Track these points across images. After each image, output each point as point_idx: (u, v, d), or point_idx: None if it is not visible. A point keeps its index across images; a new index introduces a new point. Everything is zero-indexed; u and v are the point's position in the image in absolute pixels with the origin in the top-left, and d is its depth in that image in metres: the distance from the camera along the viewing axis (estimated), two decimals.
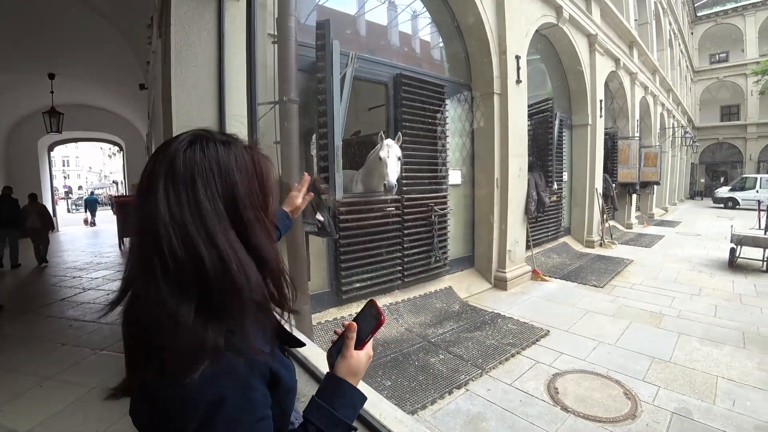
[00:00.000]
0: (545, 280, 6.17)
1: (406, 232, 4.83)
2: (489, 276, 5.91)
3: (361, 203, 4.43)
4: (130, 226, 0.66)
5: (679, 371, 3.35)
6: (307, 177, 1.54)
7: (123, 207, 10.49)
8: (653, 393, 3.03)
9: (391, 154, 4.11)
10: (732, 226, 7.50)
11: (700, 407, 2.84)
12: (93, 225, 17.29)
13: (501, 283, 5.79)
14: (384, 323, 0.82)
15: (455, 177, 5.69)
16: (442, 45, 5.97)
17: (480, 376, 3.29)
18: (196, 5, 2.60)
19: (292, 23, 2.93)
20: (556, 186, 7.68)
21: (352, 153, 5.56)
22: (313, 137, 4.27)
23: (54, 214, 13.13)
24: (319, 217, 3.23)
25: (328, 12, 4.58)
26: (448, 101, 5.39)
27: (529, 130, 6.71)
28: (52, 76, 8.77)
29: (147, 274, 0.62)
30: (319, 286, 4.18)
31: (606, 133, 10.12)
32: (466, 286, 5.57)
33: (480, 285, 5.79)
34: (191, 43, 2.58)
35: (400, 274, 4.79)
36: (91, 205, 17.98)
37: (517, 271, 6.02)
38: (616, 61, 10.11)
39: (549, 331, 4.19)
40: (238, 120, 2.74)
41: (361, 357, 0.80)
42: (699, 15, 27.30)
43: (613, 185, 10.39)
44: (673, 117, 17.93)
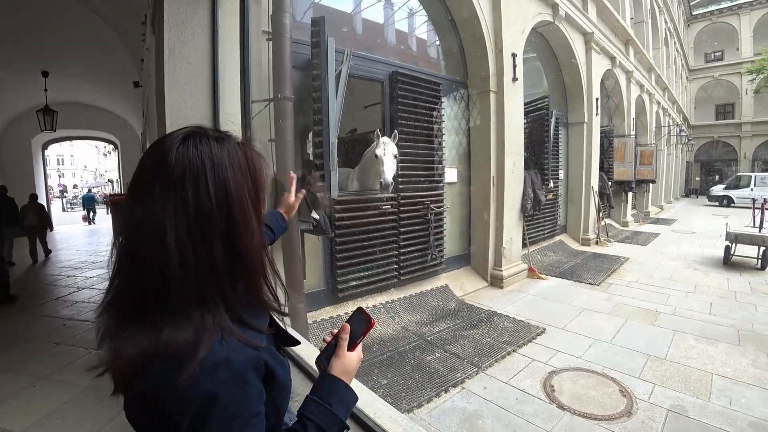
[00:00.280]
0: (541, 278, 6.18)
1: (402, 230, 4.83)
2: (485, 274, 5.91)
3: (357, 201, 4.42)
4: (124, 222, 0.67)
5: (674, 368, 3.37)
6: (292, 175, 1.53)
7: (118, 205, 10.42)
8: (649, 390, 3.04)
9: (387, 151, 4.09)
10: (727, 224, 7.53)
11: (696, 404, 2.85)
12: (92, 222, 17.32)
13: (497, 281, 5.80)
14: (374, 326, 0.86)
15: (451, 175, 5.67)
16: (439, 43, 5.96)
17: (476, 374, 3.29)
18: (190, 2, 2.57)
19: (287, 20, 2.92)
20: (552, 184, 7.70)
21: (347, 151, 5.55)
22: (309, 135, 4.25)
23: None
24: (315, 215, 3.21)
25: (324, 9, 4.56)
26: (444, 99, 5.38)
27: (525, 128, 6.72)
28: (45, 74, 8.65)
29: (137, 268, 0.63)
30: (314, 285, 4.16)
31: (602, 131, 10.17)
32: (462, 284, 5.57)
33: (476, 283, 5.79)
34: (185, 41, 2.56)
35: (396, 273, 4.79)
36: (88, 202, 17.99)
37: (513, 269, 6.02)
38: (612, 59, 10.14)
39: (545, 329, 4.20)
40: (232, 117, 2.72)
41: (353, 357, 0.83)
42: (694, 14, 27.44)
43: (609, 183, 10.43)
44: (669, 115, 18.01)
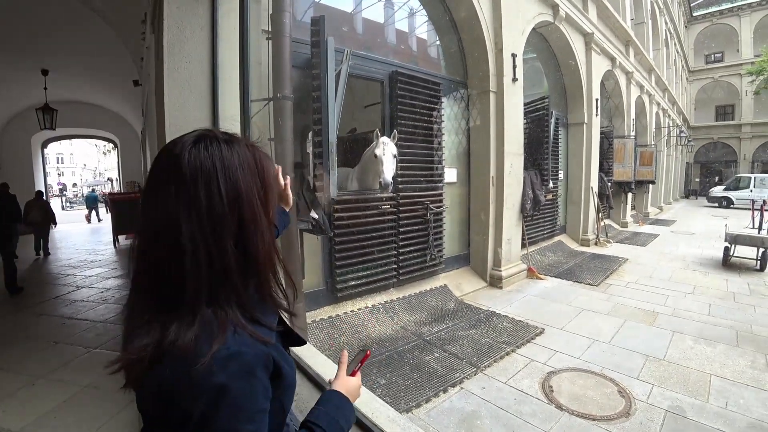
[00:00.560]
0: (540, 279, 6.18)
1: (401, 230, 4.82)
2: (484, 274, 5.91)
3: (357, 201, 4.42)
4: (139, 223, 0.69)
5: (673, 369, 3.37)
6: (277, 168, 1.53)
7: (117, 204, 10.42)
8: (647, 391, 3.04)
9: (386, 151, 4.09)
10: (726, 225, 7.55)
11: (694, 405, 2.85)
12: (99, 220, 17.50)
13: (496, 282, 5.79)
14: (369, 356, 0.96)
15: (451, 175, 5.67)
16: (439, 43, 5.96)
17: (475, 375, 3.29)
18: (190, 1, 2.57)
19: (287, 19, 2.91)
20: (551, 184, 7.70)
21: (345, 150, 5.54)
22: (309, 134, 4.24)
23: None
24: (314, 214, 3.21)
25: (324, 9, 4.55)
26: (444, 99, 5.38)
27: (525, 129, 6.72)
28: (45, 72, 8.65)
29: (152, 266, 0.65)
30: (313, 285, 4.16)
31: (602, 132, 10.17)
32: (461, 285, 5.56)
33: (475, 283, 5.79)
34: (184, 39, 2.55)
35: (395, 272, 4.79)
36: (91, 202, 18.28)
37: (513, 269, 6.02)
38: (612, 60, 10.14)
39: (544, 330, 4.20)
40: (231, 116, 2.71)
41: (352, 381, 0.91)
42: (695, 15, 27.44)
43: (609, 184, 10.43)
44: (669, 116, 18.02)
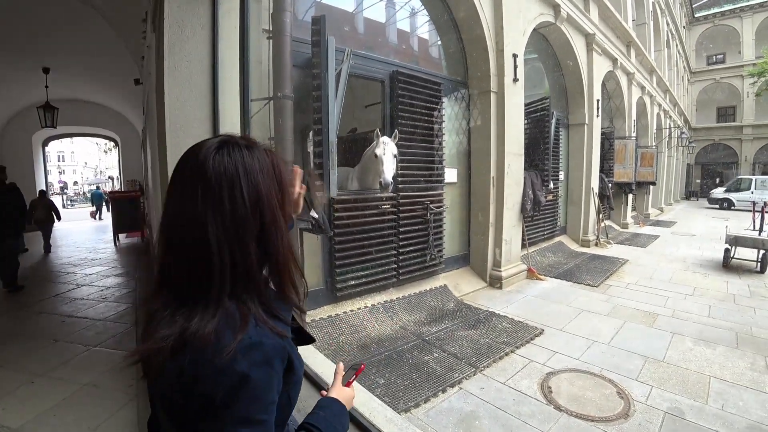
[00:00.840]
0: (540, 279, 6.18)
1: (401, 229, 4.82)
2: (484, 274, 5.91)
3: (357, 200, 4.41)
4: (162, 222, 0.73)
5: (672, 371, 3.37)
6: (297, 169, 1.54)
7: (118, 203, 10.42)
8: (646, 392, 3.04)
9: (387, 151, 4.09)
10: (726, 227, 7.53)
11: (693, 407, 2.85)
12: (100, 219, 17.65)
13: (496, 282, 5.79)
14: (364, 369, 1.03)
15: (451, 175, 5.67)
16: (440, 43, 5.95)
17: (474, 375, 3.29)
18: (190, 0, 2.57)
19: (287, 18, 2.91)
20: (552, 185, 7.69)
21: (346, 150, 5.54)
22: (310, 134, 4.25)
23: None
24: (314, 214, 3.21)
25: (325, 8, 4.56)
26: (444, 99, 5.37)
27: (525, 129, 6.71)
28: (46, 71, 8.65)
29: (179, 264, 0.70)
30: (313, 284, 4.16)
31: (603, 133, 10.16)
32: (461, 285, 5.56)
33: (475, 283, 5.79)
34: (185, 38, 2.55)
35: (395, 272, 4.79)
36: (97, 199, 18.54)
37: (513, 269, 6.02)
38: (614, 60, 10.13)
39: (543, 330, 4.19)
40: (231, 115, 2.72)
41: (347, 391, 0.96)
42: (696, 16, 27.39)
43: (609, 185, 10.42)
44: (670, 117, 17.99)
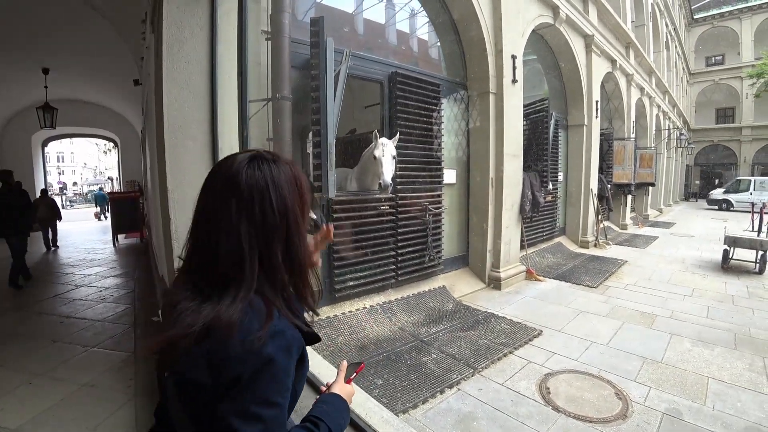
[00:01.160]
0: (539, 280, 6.18)
1: (400, 230, 4.82)
2: (483, 275, 5.91)
3: (355, 201, 4.41)
4: (193, 227, 0.81)
5: (670, 372, 3.37)
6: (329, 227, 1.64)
7: (117, 203, 10.42)
8: (644, 393, 3.04)
9: (386, 152, 4.09)
10: (725, 228, 7.54)
11: (691, 408, 2.85)
12: (106, 218, 17.65)
13: (495, 283, 5.79)
14: (364, 367, 1.08)
15: (450, 176, 5.67)
16: (439, 44, 5.96)
17: (472, 376, 3.28)
18: (189, 1, 2.57)
19: (286, 20, 2.92)
20: (551, 186, 7.70)
21: (345, 151, 5.54)
22: (309, 134, 4.25)
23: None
24: (312, 214, 3.21)
25: (325, 9, 4.56)
26: (443, 100, 5.38)
27: (524, 130, 6.73)
28: (45, 71, 8.65)
29: (212, 263, 0.76)
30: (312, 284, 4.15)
31: (601, 134, 10.18)
32: (459, 286, 5.56)
33: (474, 284, 5.79)
34: (183, 39, 2.56)
35: (393, 273, 4.79)
36: (101, 200, 18.69)
37: (512, 270, 6.02)
38: (613, 62, 10.14)
39: (542, 331, 4.19)
40: (229, 116, 2.72)
41: (348, 388, 1.01)
42: (696, 17, 27.43)
43: (608, 186, 10.42)
44: (669, 119, 18.02)
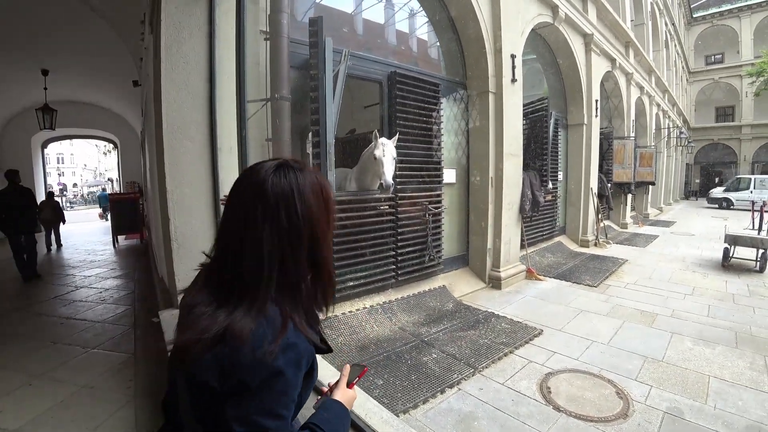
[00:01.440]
0: (539, 280, 6.18)
1: (399, 230, 4.82)
2: (483, 275, 5.90)
3: (355, 201, 4.41)
4: (220, 231, 0.84)
5: (671, 371, 3.36)
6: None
7: (117, 204, 10.42)
8: (645, 392, 3.03)
9: (386, 153, 4.08)
10: (726, 226, 7.53)
11: (692, 407, 2.84)
12: (107, 219, 17.63)
13: (495, 282, 5.79)
14: (367, 371, 1.09)
15: (450, 176, 5.66)
16: (438, 44, 5.95)
17: (472, 376, 3.28)
18: (187, 2, 2.57)
19: (284, 20, 2.92)
20: (551, 185, 7.69)
21: (344, 151, 5.54)
22: (309, 135, 4.25)
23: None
24: None
25: (324, 9, 4.56)
26: (443, 100, 5.37)
27: (524, 129, 6.72)
28: (45, 72, 8.65)
29: (230, 269, 0.78)
30: None
31: (601, 133, 10.17)
32: (460, 285, 5.55)
33: (474, 284, 5.78)
34: (182, 40, 2.56)
35: (393, 273, 4.78)
36: (104, 201, 18.77)
37: (512, 270, 6.02)
38: (612, 61, 10.14)
39: (542, 331, 4.19)
40: (228, 117, 2.71)
41: (350, 393, 1.02)
42: (695, 16, 27.43)
43: (608, 185, 10.41)
44: (669, 117, 18.01)
